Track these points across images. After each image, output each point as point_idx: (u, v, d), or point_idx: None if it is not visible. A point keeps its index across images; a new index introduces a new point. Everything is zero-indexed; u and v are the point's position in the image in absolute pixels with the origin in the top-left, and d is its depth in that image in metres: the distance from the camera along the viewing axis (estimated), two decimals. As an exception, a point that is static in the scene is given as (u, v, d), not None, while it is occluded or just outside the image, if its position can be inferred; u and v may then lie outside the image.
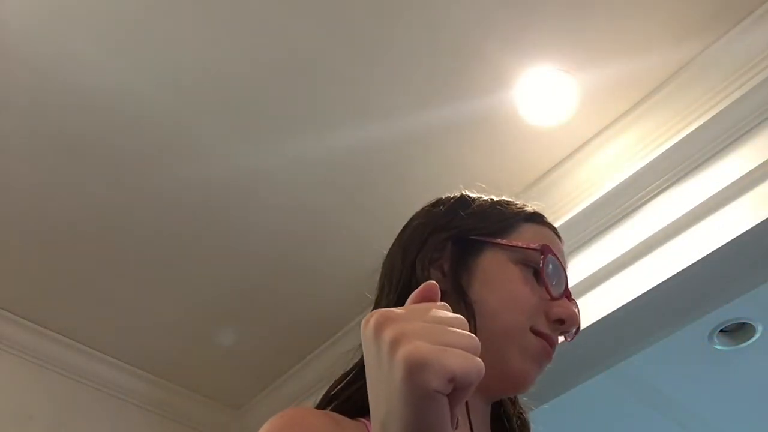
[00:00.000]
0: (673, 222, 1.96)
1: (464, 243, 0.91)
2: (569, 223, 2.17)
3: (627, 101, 2.07)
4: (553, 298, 0.87)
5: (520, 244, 0.90)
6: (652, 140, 2.06)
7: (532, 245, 0.89)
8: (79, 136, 2.18)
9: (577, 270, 2.13)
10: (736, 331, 2.62)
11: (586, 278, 2.09)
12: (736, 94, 1.88)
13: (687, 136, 1.96)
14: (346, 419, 0.81)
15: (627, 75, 2.01)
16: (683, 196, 1.97)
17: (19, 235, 2.47)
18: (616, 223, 2.10)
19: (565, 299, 0.88)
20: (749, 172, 1.83)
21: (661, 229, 1.98)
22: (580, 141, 2.17)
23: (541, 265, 0.88)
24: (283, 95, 2.08)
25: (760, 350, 2.66)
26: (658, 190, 2.03)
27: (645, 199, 2.05)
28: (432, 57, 1.98)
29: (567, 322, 0.87)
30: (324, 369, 2.75)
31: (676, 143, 1.98)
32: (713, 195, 1.89)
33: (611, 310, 2.01)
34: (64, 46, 1.95)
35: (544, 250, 0.89)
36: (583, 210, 2.15)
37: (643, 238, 2.00)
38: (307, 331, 2.77)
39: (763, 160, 1.81)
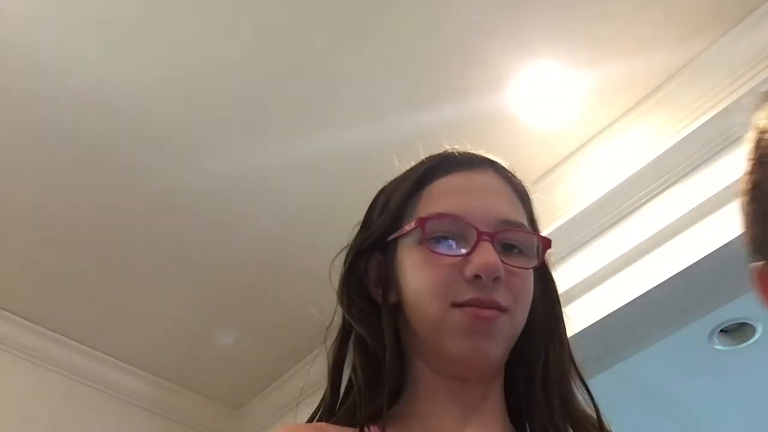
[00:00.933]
0: (673, 222, 1.96)
1: (385, 248, 0.84)
2: (569, 224, 2.17)
3: (627, 102, 2.07)
4: (456, 262, 0.78)
5: (406, 229, 0.82)
6: (652, 140, 2.05)
7: (407, 227, 0.82)
8: (79, 136, 2.18)
9: (577, 270, 2.13)
10: (736, 331, 2.62)
11: (586, 278, 2.09)
12: (736, 95, 1.88)
13: (687, 136, 1.96)
14: (337, 428, 0.79)
15: (627, 76, 2.00)
16: (683, 196, 1.97)
17: (20, 235, 2.47)
18: (616, 223, 2.10)
19: (476, 251, 0.78)
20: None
21: (661, 230, 1.98)
22: (579, 141, 2.17)
23: (422, 239, 0.80)
24: (283, 96, 2.08)
25: (760, 350, 2.66)
26: (659, 190, 2.03)
27: (645, 199, 2.05)
28: (432, 57, 1.98)
29: (484, 274, 0.77)
30: (324, 369, 2.75)
31: (676, 143, 1.98)
32: (713, 195, 1.88)
33: (612, 310, 2.01)
34: (64, 46, 1.95)
35: (418, 224, 0.80)
36: (583, 210, 2.15)
37: (644, 239, 2.00)
38: (307, 331, 2.77)
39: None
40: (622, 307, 2.00)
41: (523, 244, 0.82)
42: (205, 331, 2.78)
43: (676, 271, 1.91)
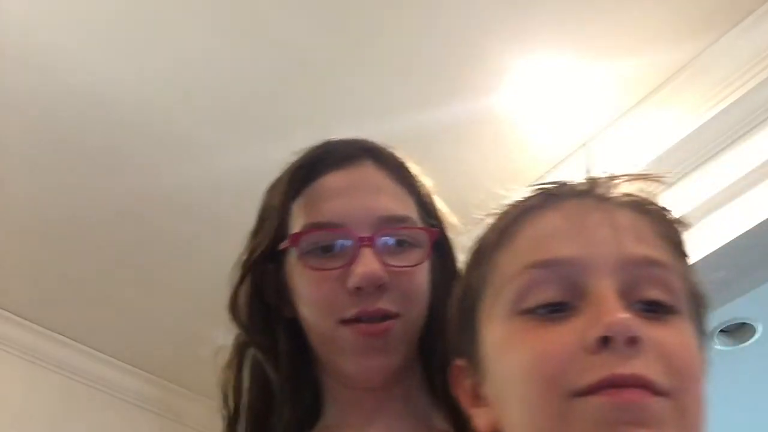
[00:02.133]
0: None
1: (276, 258, 0.79)
2: (569, 223, 2.17)
3: (627, 101, 2.07)
4: (338, 275, 0.73)
5: (282, 246, 0.77)
6: (652, 140, 2.05)
7: (282, 245, 0.77)
8: (79, 136, 2.18)
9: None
10: (736, 331, 2.62)
11: (586, 278, 2.08)
12: (736, 95, 1.88)
13: (687, 135, 1.96)
14: None
15: (627, 75, 2.00)
16: (683, 196, 1.97)
17: (20, 235, 2.47)
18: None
19: (356, 260, 0.73)
20: (748, 173, 1.83)
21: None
22: (579, 141, 2.17)
23: (297, 255, 0.75)
24: (282, 95, 2.08)
25: (760, 350, 2.66)
26: (657, 190, 2.03)
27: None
28: (430, 57, 1.98)
29: (365, 285, 0.72)
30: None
31: (676, 143, 1.98)
32: (713, 195, 1.89)
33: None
34: (64, 46, 1.95)
35: (292, 242, 0.76)
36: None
37: (643, 238, 2.00)
38: (307, 331, 2.77)
39: (763, 161, 1.81)
40: (622, 307, 1.99)
41: (411, 237, 0.77)
42: (205, 331, 2.77)
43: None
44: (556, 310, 0.52)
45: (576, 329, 0.50)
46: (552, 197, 0.58)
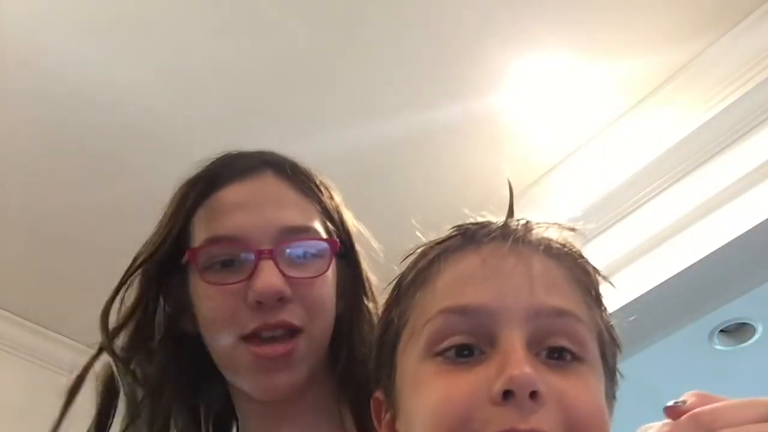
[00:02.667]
0: (673, 222, 1.96)
1: (173, 269, 0.78)
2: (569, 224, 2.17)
3: (626, 101, 2.07)
4: (238, 289, 0.72)
5: (182, 261, 0.76)
6: (652, 140, 2.05)
7: (182, 260, 0.76)
8: (80, 137, 2.18)
9: (577, 270, 2.13)
10: (736, 331, 2.62)
11: (586, 278, 2.08)
12: (736, 95, 1.88)
13: (688, 135, 1.96)
14: None
15: (627, 75, 2.00)
16: (683, 196, 1.97)
17: (19, 235, 2.47)
18: (616, 223, 2.10)
19: (255, 273, 0.71)
20: (749, 172, 1.83)
21: (661, 230, 1.98)
22: (579, 141, 2.17)
23: (196, 270, 0.74)
24: (282, 96, 2.08)
25: (760, 350, 2.66)
26: (659, 189, 2.03)
27: (645, 199, 2.05)
28: (430, 57, 1.98)
29: (265, 299, 0.71)
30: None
31: (677, 143, 1.98)
32: (713, 195, 1.89)
33: (611, 311, 2.01)
34: (64, 45, 1.95)
35: (190, 258, 0.75)
36: (582, 211, 2.15)
37: (643, 239, 2.00)
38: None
39: (763, 161, 1.81)
40: (622, 307, 1.99)
41: (313, 247, 0.76)
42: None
43: (676, 272, 1.91)
44: (466, 355, 0.54)
45: (482, 377, 0.52)
46: (470, 239, 0.60)
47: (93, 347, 0.80)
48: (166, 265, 0.79)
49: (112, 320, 0.85)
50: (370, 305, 0.80)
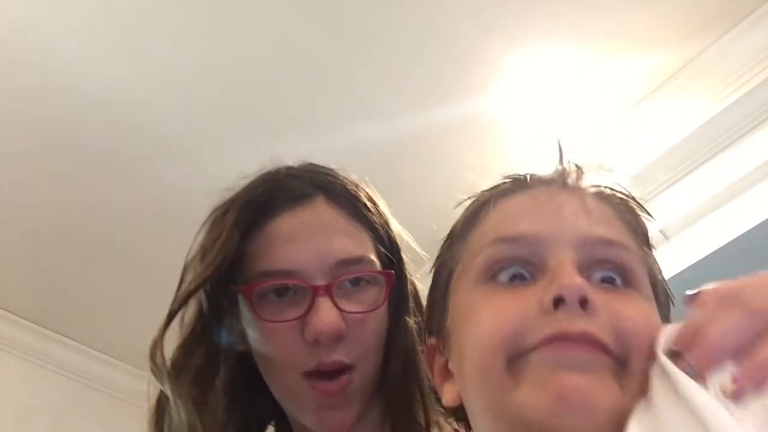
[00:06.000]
0: (673, 222, 1.96)
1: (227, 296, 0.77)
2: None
3: (627, 102, 2.07)
4: (295, 325, 0.72)
5: (234, 291, 0.75)
6: (651, 140, 2.05)
7: (234, 289, 0.75)
8: (80, 138, 2.18)
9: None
10: (737, 331, 2.62)
11: (586, 278, 2.08)
12: (736, 95, 1.88)
13: (688, 135, 1.96)
14: None
15: (628, 74, 2.00)
16: (683, 196, 1.97)
17: (20, 235, 2.47)
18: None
19: (312, 310, 0.71)
20: (750, 172, 1.83)
21: (661, 230, 1.97)
22: (579, 141, 2.17)
23: (249, 305, 0.73)
24: (282, 96, 2.08)
25: (760, 350, 2.66)
26: (658, 190, 2.03)
27: (645, 198, 2.05)
28: (430, 57, 1.98)
29: (322, 339, 0.71)
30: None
31: (677, 143, 1.98)
32: (714, 194, 1.89)
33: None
34: (64, 47, 1.95)
35: (245, 294, 0.74)
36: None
37: (643, 238, 2.00)
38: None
39: (763, 160, 1.81)
40: (622, 307, 1.99)
41: (367, 276, 0.75)
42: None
43: (677, 272, 1.91)
44: (518, 280, 0.55)
45: (533, 295, 0.53)
46: (522, 183, 0.62)
47: (94, 348, 0.78)
48: (219, 290, 0.78)
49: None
50: (413, 322, 0.79)
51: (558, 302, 0.51)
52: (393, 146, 2.19)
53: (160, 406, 0.79)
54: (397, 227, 0.84)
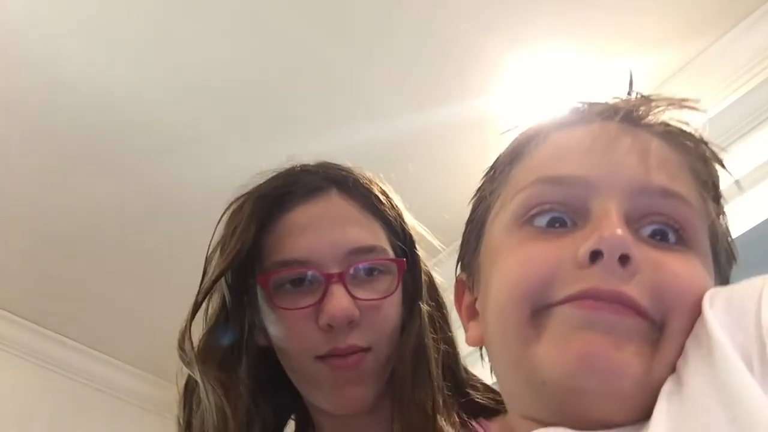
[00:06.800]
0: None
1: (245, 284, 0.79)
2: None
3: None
4: (309, 312, 0.75)
5: (251, 283, 0.78)
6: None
7: (251, 282, 0.78)
8: (79, 137, 2.18)
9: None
10: (736, 331, 2.62)
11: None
12: (736, 95, 1.88)
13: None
14: None
15: (627, 74, 2.00)
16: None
17: (20, 235, 2.47)
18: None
19: (326, 298, 0.74)
20: (749, 172, 1.83)
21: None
22: (580, 141, 2.18)
23: (266, 294, 0.76)
24: (282, 96, 2.08)
25: (760, 350, 2.66)
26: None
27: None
28: (430, 57, 1.98)
29: (336, 324, 0.73)
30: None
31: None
32: (713, 195, 1.89)
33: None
34: (64, 46, 1.95)
35: (261, 284, 0.77)
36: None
37: (643, 238, 2.00)
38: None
39: (763, 161, 1.81)
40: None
41: (380, 265, 0.78)
42: (205, 331, 2.78)
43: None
44: (557, 226, 0.50)
45: (569, 244, 0.48)
46: (579, 115, 0.56)
47: (94, 348, 0.80)
48: (240, 282, 0.80)
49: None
50: (427, 308, 0.80)
51: (595, 256, 0.46)
52: (393, 146, 2.19)
53: (188, 390, 0.83)
54: (411, 220, 0.86)
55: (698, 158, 0.55)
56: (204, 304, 0.82)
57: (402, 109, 2.09)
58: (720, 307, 0.44)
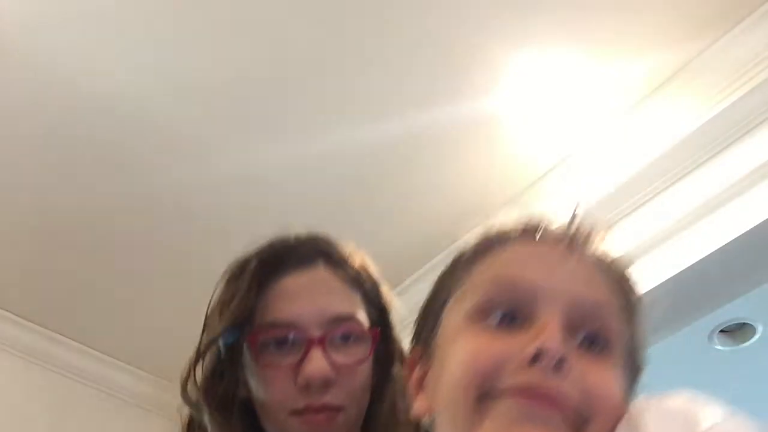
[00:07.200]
0: (673, 222, 1.96)
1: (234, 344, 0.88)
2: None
3: (627, 101, 2.07)
4: (289, 370, 0.83)
5: (242, 341, 0.87)
6: (652, 140, 2.06)
7: (247, 338, 0.86)
8: (79, 136, 2.18)
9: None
10: (736, 331, 2.62)
11: (586, 278, 2.09)
12: (736, 95, 1.88)
13: (687, 136, 1.96)
14: None
15: (627, 75, 2.01)
16: (683, 196, 1.97)
17: (20, 235, 2.47)
18: (616, 224, 2.10)
19: (306, 359, 0.83)
20: (749, 172, 1.83)
21: (662, 230, 1.98)
22: (579, 142, 2.17)
23: (253, 351, 0.85)
24: (282, 96, 2.08)
25: (760, 350, 2.66)
26: (658, 189, 2.03)
27: (645, 199, 2.05)
28: (431, 57, 1.98)
29: (313, 384, 0.82)
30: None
31: (676, 144, 1.98)
32: (713, 195, 1.89)
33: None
34: (64, 45, 1.95)
35: (250, 341, 0.85)
36: (582, 211, 2.15)
37: (643, 239, 2.00)
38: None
39: (762, 161, 1.81)
40: (622, 307, 1.99)
41: (356, 333, 0.87)
42: (205, 331, 2.78)
43: (677, 272, 1.91)
44: (507, 322, 0.60)
45: (516, 341, 0.57)
46: (533, 234, 0.66)
47: (94, 348, 0.84)
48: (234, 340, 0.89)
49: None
50: (399, 371, 0.89)
51: (537, 358, 0.55)
52: (393, 146, 2.19)
53: (192, 425, 0.92)
54: (387, 291, 0.95)
55: (622, 284, 0.66)
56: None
57: (402, 109, 2.09)
58: (653, 416, 0.54)
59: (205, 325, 0.92)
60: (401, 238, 2.37)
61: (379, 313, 0.92)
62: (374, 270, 0.96)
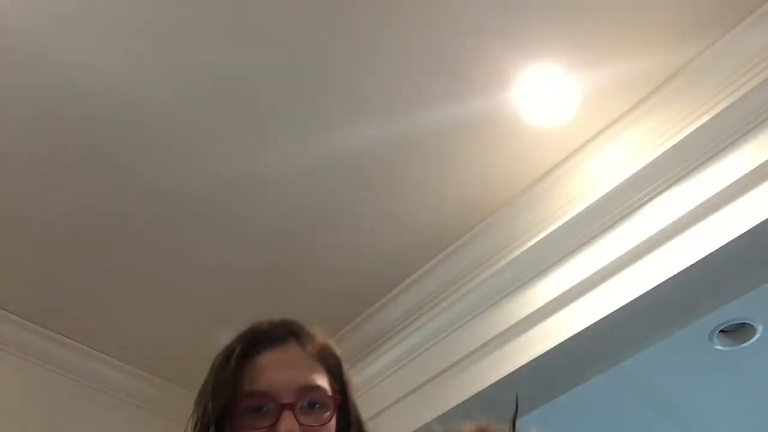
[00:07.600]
0: (673, 222, 1.96)
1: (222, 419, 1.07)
2: (569, 224, 2.17)
3: (627, 101, 2.07)
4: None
5: (228, 406, 1.04)
6: (652, 141, 2.06)
7: (230, 404, 1.04)
8: (79, 137, 2.18)
9: (577, 270, 2.13)
10: (736, 331, 2.62)
11: (586, 278, 2.09)
12: (736, 95, 1.88)
13: (687, 136, 1.96)
14: None
15: (627, 75, 2.00)
16: (683, 196, 1.97)
17: (20, 235, 2.47)
18: (616, 223, 2.10)
19: (279, 422, 0.99)
20: (749, 172, 1.83)
21: (661, 230, 1.98)
22: (580, 141, 2.17)
23: (234, 415, 1.02)
24: (282, 95, 2.08)
25: (760, 350, 2.66)
26: (659, 190, 2.03)
27: (645, 198, 2.05)
28: (432, 57, 1.98)
29: None
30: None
31: (676, 143, 1.98)
32: (713, 195, 1.89)
33: (611, 311, 2.01)
34: (63, 45, 1.95)
35: (230, 405, 1.03)
36: (583, 210, 2.15)
37: (643, 239, 2.00)
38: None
39: (762, 161, 1.81)
40: (622, 307, 2.00)
41: (322, 401, 1.05)
42: (206, 331, 2.77)
43: (677, 272, 1.91)
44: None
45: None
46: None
47: (94, 348, 0.92)
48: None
49: None
50: None
51: None
52: (393, 146, 2.19)
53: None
54: (346, 367, 1.14)
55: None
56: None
57: (403, 108, 2.09)
58: None
59: (197, 403, 1.11)
60: (401, 238, 2.37)
61: (341, 385, 1.09)
62: (336, 348, 1.14)
